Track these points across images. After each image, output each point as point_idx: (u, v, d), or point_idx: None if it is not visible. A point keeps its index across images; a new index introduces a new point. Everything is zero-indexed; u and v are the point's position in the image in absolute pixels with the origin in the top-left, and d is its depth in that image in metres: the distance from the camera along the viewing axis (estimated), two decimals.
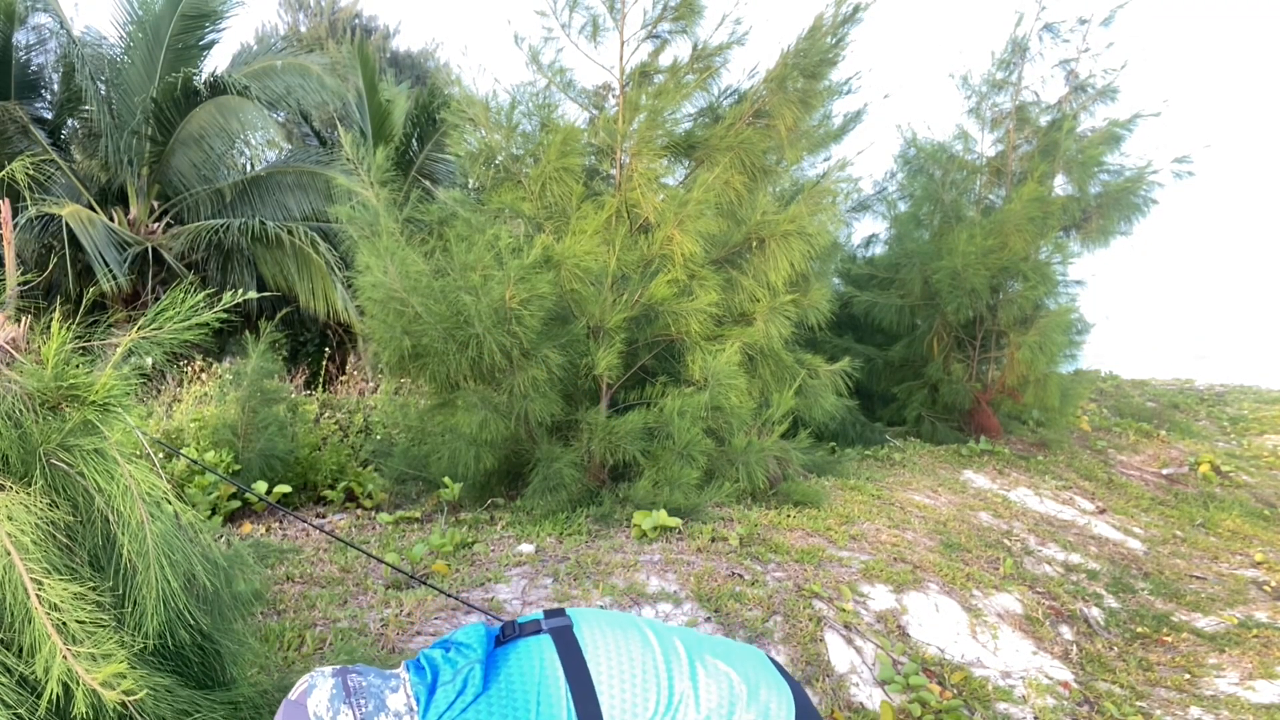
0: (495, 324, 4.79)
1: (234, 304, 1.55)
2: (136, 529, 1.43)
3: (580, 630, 1.60)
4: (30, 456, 1.40)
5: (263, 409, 5.48)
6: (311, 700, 1.44)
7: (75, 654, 1.22)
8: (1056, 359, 8.58)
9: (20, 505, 1.32)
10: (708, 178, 5.45)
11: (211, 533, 1.76)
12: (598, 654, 1.56)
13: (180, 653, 1.62)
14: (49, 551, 1.34)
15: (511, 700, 1.47)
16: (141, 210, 10.30)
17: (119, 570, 1.45)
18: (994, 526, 5.98)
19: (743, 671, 1.63)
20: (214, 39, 10.45)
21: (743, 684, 1.60)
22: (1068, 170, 9.04)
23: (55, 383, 1.42)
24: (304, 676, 1.49)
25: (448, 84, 7.36)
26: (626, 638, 1.61)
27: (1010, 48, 9.15)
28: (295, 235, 9.62)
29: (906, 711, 3.44)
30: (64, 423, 1.42)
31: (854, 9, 5.76)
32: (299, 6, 20.64)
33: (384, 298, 5.04)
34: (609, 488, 5.35)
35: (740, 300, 5.80)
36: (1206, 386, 14.63)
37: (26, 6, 9.84)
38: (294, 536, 4.81)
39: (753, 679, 1.62)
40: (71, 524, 1.44)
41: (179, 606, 1.49)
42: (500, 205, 5.58)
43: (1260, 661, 4.39)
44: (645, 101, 5.46)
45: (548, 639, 1.58)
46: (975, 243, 8.25)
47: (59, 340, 1.42)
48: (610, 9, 5.54)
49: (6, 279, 1.68)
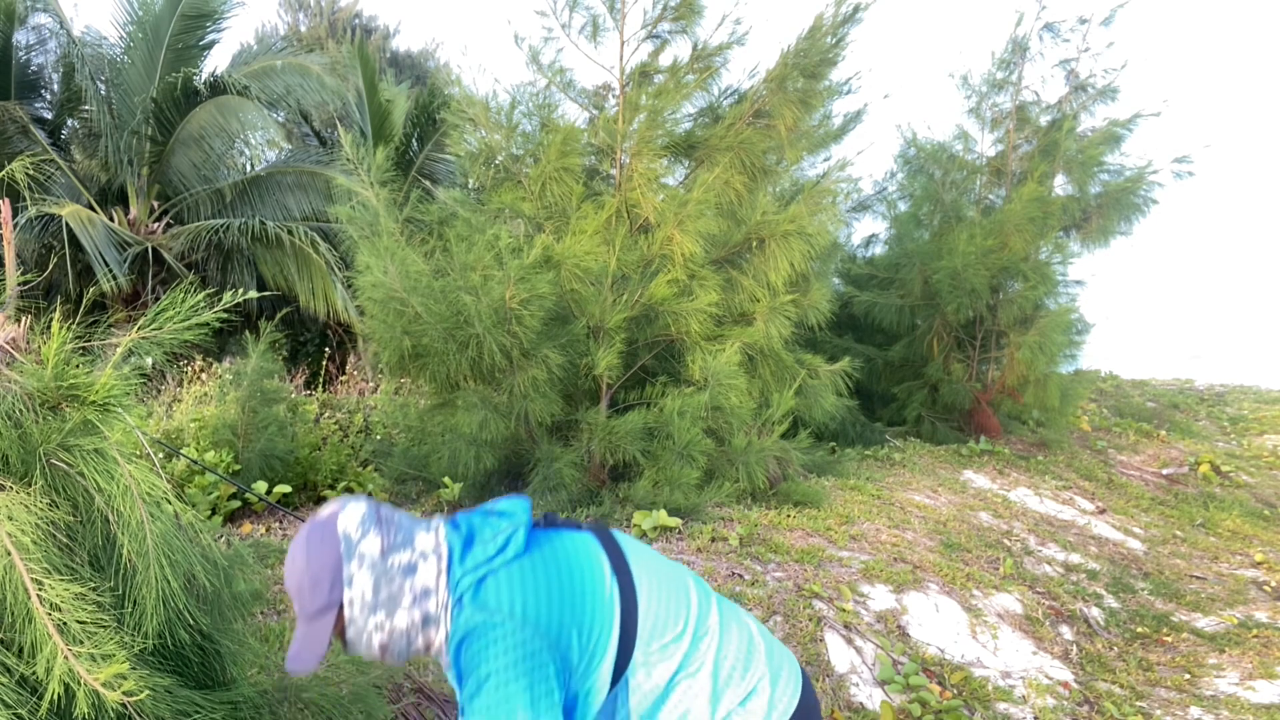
0: (495, 324, 4.79)
1: (234, 304, 1.55)
2: (136, 529, 1.43)
3: (621, 539, 1.57)
4: (30, 456, 1.40)
5: (263, 409, 5.48)
6: (342, 519, 1.40)
7: (76, 654, 1.22)
8: (1056, 359, 8.57)
9: (20, 505, 1.32)
10: (708, 178, 5.45)
11: (211, 533, 1.76)
12: (639, 561, 1.52)
13: (180, 653, 1.62)
14: (49, 551, 1.34)
15: (556, 568, 1.41)
16: (141, 210, 10.29)
17: (119, 570, 1.45)
18: (994, 526, 5.98)
19: (761, 631, 1.64)
20: (214, 39, 10.45)
21: (761, 640, 1.60)
22: (1068, 170, 9.04)
23: (55, 383, 1.42)
24: (331, 501, 1.46)
25: (448, 84, 7.36)
26: (668, 562, 1.60)
27: (1010, 47, 9.15)
28: (295, 235, 9.63)
29: (906, 711, 3.44)
30: (64, 423, 1.42)
31: (854, 9, 5.76)
32: (299, 6, 20.64)
33: (384, 298, 5.04)
34: (609, 488, 5.35)
35: (740, 300, 5.80)
36: (1206, 386, 14.64)
37: (26, 6, 9.83)
38: (294, 536, 4.81)
39: (769, 640, 1.63)
40: (71, 524, 1.44)
41: (179, 606, 1.49)
42: (500, 205, 5.58)
43: (1260, 661, 4.39)
44: (645, 101, 5.46)
45: (590, 534, 1.54)
46: (975, 243, 8.25)
47: (59, 340, 1.42)
48: (610, 9, 5.54)
49: (6, 279, 1.68)
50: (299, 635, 1.36)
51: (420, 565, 1.40)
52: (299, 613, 1.37)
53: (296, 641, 1.36)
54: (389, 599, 1.37)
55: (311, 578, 1.36)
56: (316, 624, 1.35)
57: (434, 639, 1.41)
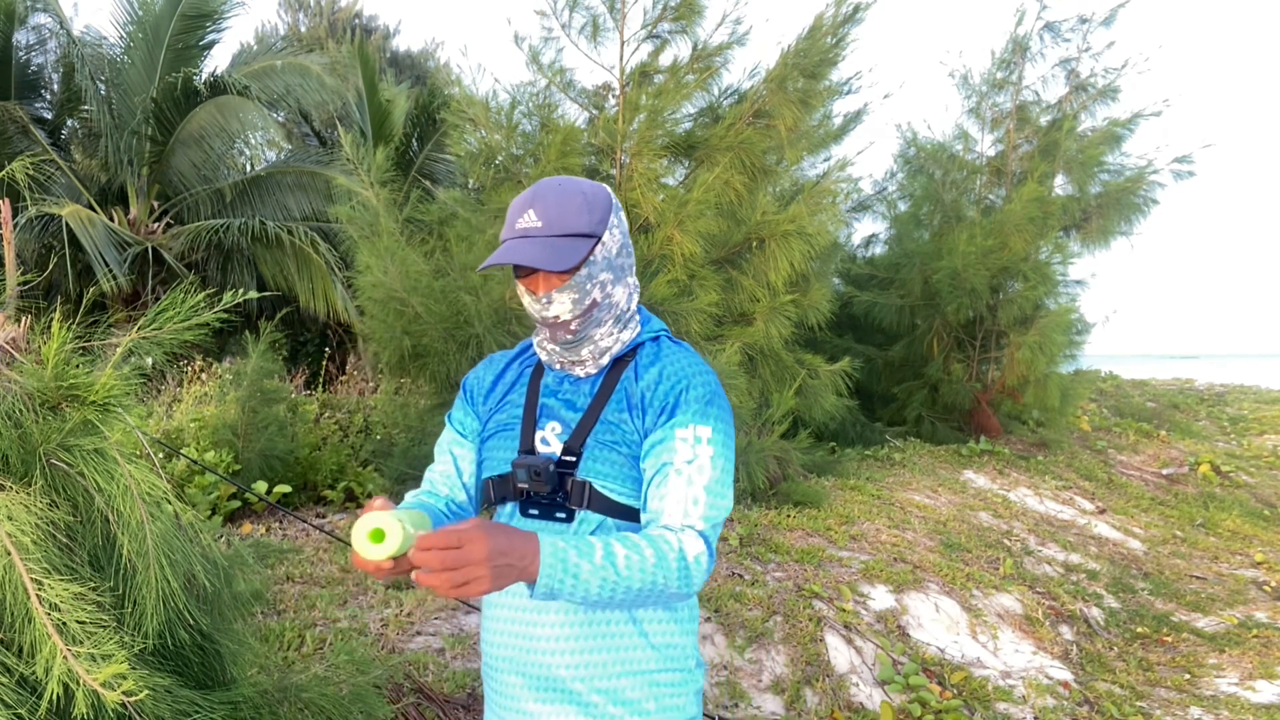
0: (495, 324, 4.79)
1: (234, 304, 1.55)
2: (136, 529, 1.43)
3: None
4: (30, 456, 1.40)
5: (263, 409, 5.48)
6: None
7: (75, 654, 1.22)
8: (1056, 359, 8.58)
9: (20, 505, 1.32)
10: (708, 178, 5.45)
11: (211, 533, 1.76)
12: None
13: (180, 653, 1.62)
14: (49, 551, 1.34)
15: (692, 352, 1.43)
16: (141, 210, 10.30)
17: (119, 570, 1.45)
18: (994, 526, 5.98)
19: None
20: (214, 39, 10.46)
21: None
22: (1068, 170, 9.04)
23: (55, 383, 1.42)
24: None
25: (448, 84, 7.37)
26: None
27: (1011, 47, 9.16)
28: (295, 235, 9.63)
29: (906, 711, 3.44)
30: (64, 423, 1.42)
31: (854, 9, 5.76)
32: (299, 6, 20.64)
33: (384, 298, 5.04)
34: None
35: (740, 300, 5.80)
36: (1206, 386, 14.64)
37: (26, 6, 9.83)
38: (294, 536, 4.81)
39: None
40: (71, 524, 1.44)
41: (179, 606, 1.49)
42: (500, 205, 5.58)
43: (1260, 661, 4.39)
44: (645, 101, 5.46)
45: None
46: (975, 243, 8.25)
47: (59, 340, 1.42)
48: (610, 9, 5.54)
49: (6, 279, 1.68)
50: (541, 243, 1.28)
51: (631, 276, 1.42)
52: (549, 224, 1.29)
53: (532, 246, 1.28)
54: (621, 269, 1.37)
55: (588, 202, 1.32)
56: (566, 242, 1.29)
57: (622, 336, 1.40)
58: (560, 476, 1.31)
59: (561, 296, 1.32)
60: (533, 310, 1.36)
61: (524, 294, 1.37)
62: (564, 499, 1.31)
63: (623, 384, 1.36)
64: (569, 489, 1.31)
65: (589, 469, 1.31)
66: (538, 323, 1.38)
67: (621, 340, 1.40)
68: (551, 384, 1.42)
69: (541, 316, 1.34)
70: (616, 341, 1.39)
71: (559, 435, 1.36)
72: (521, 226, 1.30)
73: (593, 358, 1.38)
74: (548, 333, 1.37)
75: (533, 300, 1.34)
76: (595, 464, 1.31)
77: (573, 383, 1.40)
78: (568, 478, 1.31)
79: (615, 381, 1.37)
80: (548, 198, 1.30)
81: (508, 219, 1.34)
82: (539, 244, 1.28)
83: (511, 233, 1.31)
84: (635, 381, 1.36)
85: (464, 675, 3.10)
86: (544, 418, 1.38)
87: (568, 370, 1.40)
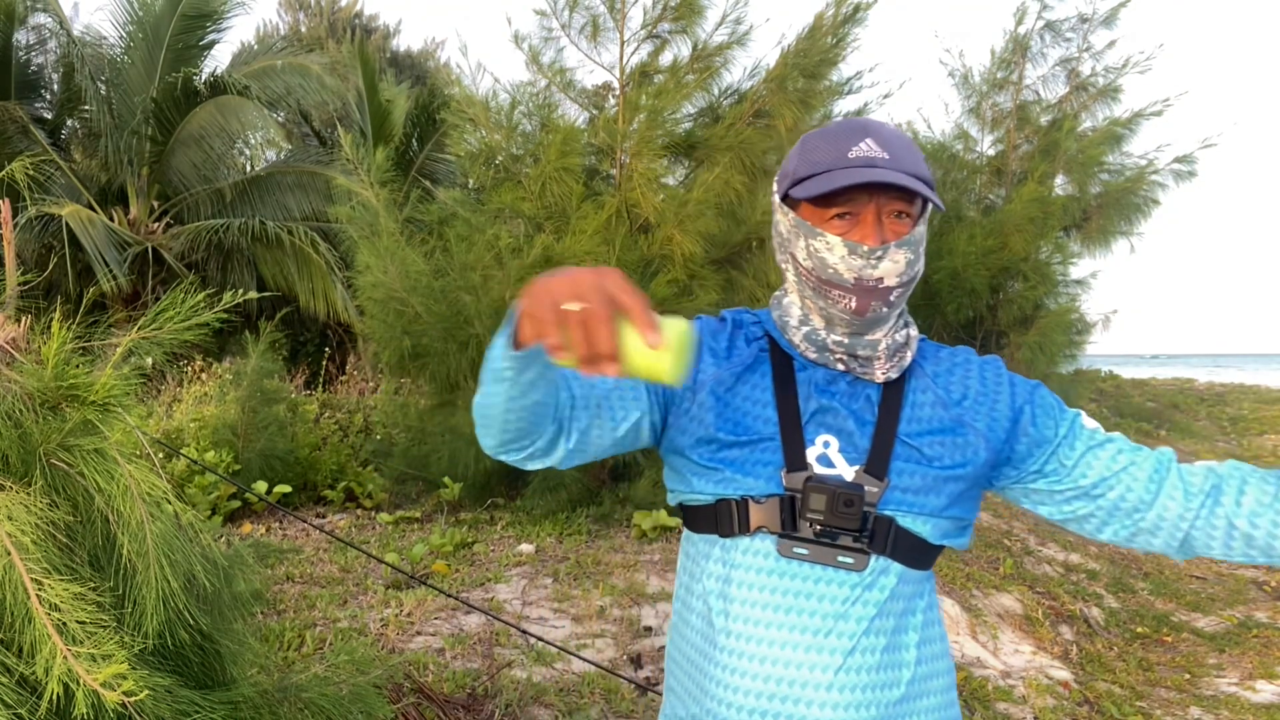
0: (495, 324, 4.79)
1: (234, 304, 1.55)
2: (136, 529, 1.43)
3: None
4: (30, 456, 1.40)
5: (263, 409, 5.48)
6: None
7: (75, 654, 1.22)
8: (1057, 359, 8.59)
9: (20, 505, 1.32)
10: (708, 178, 5.45)
11: (211, 533, 1.76)
12: None
13: (180, 653, 1.62)
14: (49, 551, 1.34)
15: None
16: (141, 210, 10.30)
17: (119, 570, 1.45)
18: (994, 526, 5.98)
19: None
20: (214, 39, 10.47)
21: None
22: (1068, 170, 9.05)
23: (55, 383, 1.42)
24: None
25: (448, 84, 7.37)
26: None
27: (1011, 46, 9.16)
28: (295, 235, 9.63)
29: None
30: (64, 423, 1.42)
31: (854, 9, 5.76)
32: (299, 6, 20.65)
33: (384, 298, 5.05)
34: (609, 487, 5.35)
35: (740, 300, 5.80)
36: (1206, 386, 14.63)
37: (26, 6, 9.83)
38: (294, 536, 4.81)
39: None
40: (71, 524, 1.44)
41: (179, 606, 1.49)
42: (500, 205, 5.58)
43: (1260, 661, 4.39)
44: (645, 101, 5.46)
45: None
46: (975, 243, 8.26)
47: (59, 340, 1.42)
48: (610, 9, 5.54)
49: (6, 279, 1.68)
50: (901, 176, 0.95)
51: None
52: (896, 158, 0.97)
53: (897, 177, 0.95)
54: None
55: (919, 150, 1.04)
56: (921, 184, 0.97)
57: (911, 334, 1.09)
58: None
59: (899, 252, 0.98)
60: (843, 267, 0.98)
61: (830, 246, 0.99)
62: (869, 539, 0.99)
63: (914, 392, 1.07)
64: (871, 526, 0.99)
65: (896, 500, 1.00)
66: (833, 288, 1.00)
67: (912, 338, 1.08)
68: (821, 381, 1.05)
69: (858, 277, 0.98)
70: (908, 339, 1.07)
71: (843, 453, 1.02)
72: (859, 155, 0.97)
73: (886, 354, 1.04)
74: (851, 301, 0.99)
75: (850, 253, 0.97)
76: (905, 494, 1.00)
77: (849, 383, 1.05)
78: (869, 513, 0.99)
79: (902, 388, 1.06)
80: (881, 131, 1.00)
81: (823, 148, 1.00)
82: (901, 176, 0.96)
83: (845, 160, 0.97)
84: (942, 389, 1.07)
85: (464, 675, 3.10)
86: (815, 426, 1.04)
87: (848, 369, 1.05)
